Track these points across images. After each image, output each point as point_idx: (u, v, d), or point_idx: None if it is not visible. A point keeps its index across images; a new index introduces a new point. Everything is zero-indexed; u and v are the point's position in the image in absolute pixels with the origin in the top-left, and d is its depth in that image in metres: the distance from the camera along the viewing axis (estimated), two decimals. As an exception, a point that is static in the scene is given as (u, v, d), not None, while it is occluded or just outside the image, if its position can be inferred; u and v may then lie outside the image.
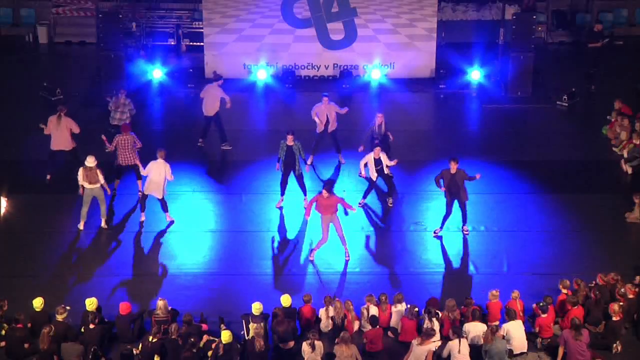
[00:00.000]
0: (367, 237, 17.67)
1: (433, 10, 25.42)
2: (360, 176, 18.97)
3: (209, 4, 25.18)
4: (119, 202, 18.71)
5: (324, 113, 19.74)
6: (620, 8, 28.95)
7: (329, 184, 16.87)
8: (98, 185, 17.32)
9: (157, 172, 17.32)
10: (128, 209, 18.49)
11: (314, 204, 16.51)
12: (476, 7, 27.83)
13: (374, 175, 17.96)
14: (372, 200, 18.80)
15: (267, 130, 22.28)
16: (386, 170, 18.08)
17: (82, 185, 17.35)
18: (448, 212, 17.32)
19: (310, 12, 25.26)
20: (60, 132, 18.92)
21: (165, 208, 17.71)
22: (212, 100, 20.67)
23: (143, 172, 17.62)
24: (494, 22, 27.25)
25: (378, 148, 17.99)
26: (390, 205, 18.57)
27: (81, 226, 17.53)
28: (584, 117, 23.39)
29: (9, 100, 23.81)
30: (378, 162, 17.91)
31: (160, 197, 17.52)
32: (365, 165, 18.11)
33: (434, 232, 17.54)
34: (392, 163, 18.03)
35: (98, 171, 17.25)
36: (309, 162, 19.90)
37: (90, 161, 17.23)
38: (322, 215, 16.49)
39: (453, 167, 16.97)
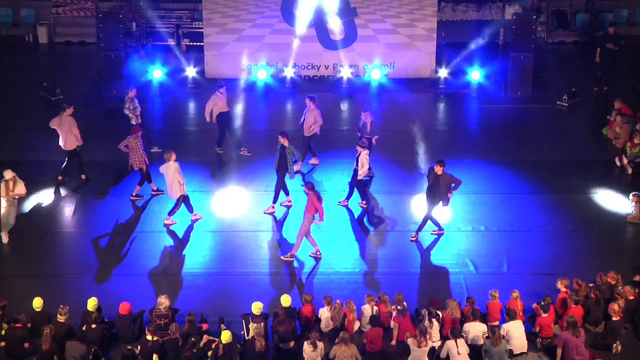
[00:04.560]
0: (367, 237, 17.66)
1: (433, 10, 25.44)
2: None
3: (209, 4, 25.20)
4: (119, 203, 18.73)
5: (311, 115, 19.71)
6: (620, 8, 28.97)
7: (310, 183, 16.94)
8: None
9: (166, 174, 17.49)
10: (127, 209, 18.51)
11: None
12: (476, 7, 27.86)
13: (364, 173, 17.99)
14: (372, 200, 18.81)
15: (267, 130, 22.27)
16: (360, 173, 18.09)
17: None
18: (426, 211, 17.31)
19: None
20: (65, 132, 18.91)
21: (171, 210, 17.78)
22: (217, 109, 20.58)
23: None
24: (494, 22, 27.26)
25: (358, 146, 18.02)
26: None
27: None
28: (584, 117, 23.39)
29: (9, 100, 23.82)
30: (356, 159, 17.96)
31: (172, 198, 17.63)
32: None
33: (432, 232, 17.56)
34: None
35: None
36: (314, 161, 20.10)
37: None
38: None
39: (438, 169, 16.95)
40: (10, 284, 16.00)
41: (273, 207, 18.37)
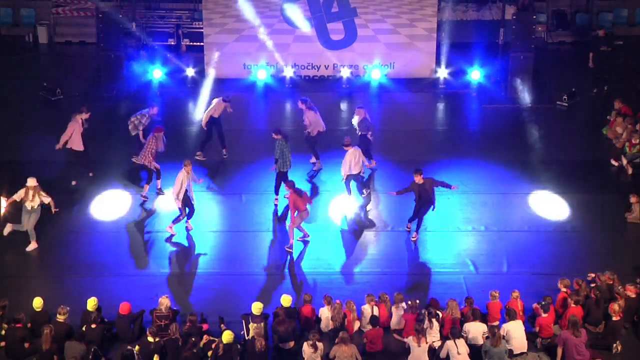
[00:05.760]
0: (367, 237, 17.67)
1: (433, 10, 25.44)
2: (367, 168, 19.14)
3: (209, 4, 25.20)
4: (119, 203, 18.72)
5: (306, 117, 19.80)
6: (620, 8, 28.96)
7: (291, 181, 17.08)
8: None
9: None
10: (128, 210, 18.51)
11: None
12: (476, 7, 27.84)
13: (356, 169, 18.07)
14: (372, 200, 18.77)
15: (267, 130, 22.23)
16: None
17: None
18: (419, 213, 17.36)
19: (310, 12, 25.28)
20: (68, 130, 18.97)
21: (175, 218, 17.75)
22: (213, 113, 20.60)
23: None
24: (494, 22, 27.26)
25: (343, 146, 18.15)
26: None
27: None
28: (584, 117, 23.39)
29: (9, 100, 23.80)
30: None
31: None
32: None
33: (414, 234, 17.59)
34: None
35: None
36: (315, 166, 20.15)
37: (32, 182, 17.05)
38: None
39: (418, 179, 16.97)
40: (10, 284, 16.00)
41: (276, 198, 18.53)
